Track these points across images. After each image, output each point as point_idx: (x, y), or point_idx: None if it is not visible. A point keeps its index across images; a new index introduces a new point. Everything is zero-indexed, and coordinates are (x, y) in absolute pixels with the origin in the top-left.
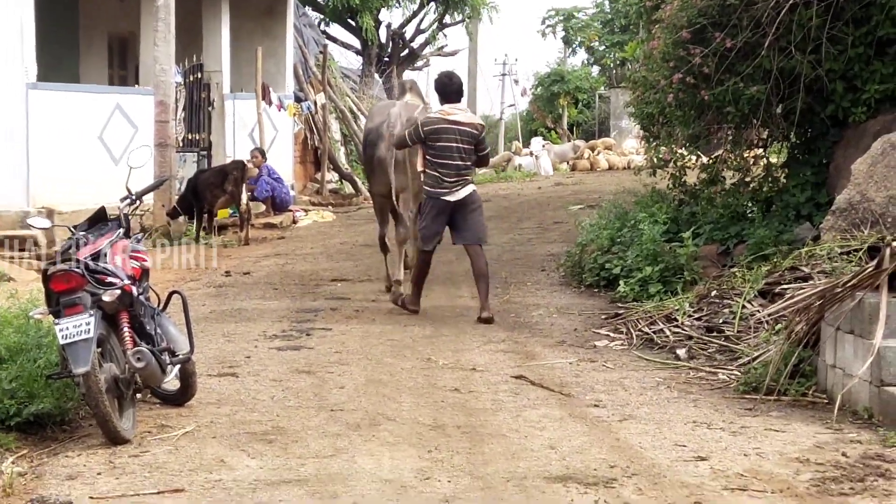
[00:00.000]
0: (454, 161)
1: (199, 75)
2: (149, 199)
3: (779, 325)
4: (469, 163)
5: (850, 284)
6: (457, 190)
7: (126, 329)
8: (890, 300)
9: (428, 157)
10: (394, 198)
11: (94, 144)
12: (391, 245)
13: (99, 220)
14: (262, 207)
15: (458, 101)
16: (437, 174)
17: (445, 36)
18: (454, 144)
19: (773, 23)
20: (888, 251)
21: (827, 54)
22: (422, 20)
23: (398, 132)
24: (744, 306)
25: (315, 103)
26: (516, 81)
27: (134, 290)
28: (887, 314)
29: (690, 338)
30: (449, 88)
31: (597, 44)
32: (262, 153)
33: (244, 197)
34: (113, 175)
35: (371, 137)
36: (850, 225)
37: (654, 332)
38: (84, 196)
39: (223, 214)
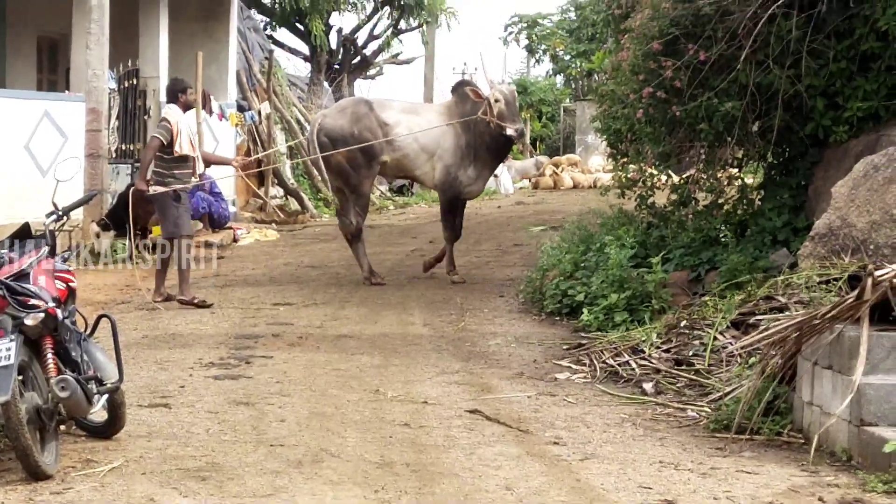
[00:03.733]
0: None
1: (135, 81)
2: (78, 214)
3: (752, 359)
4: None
5: (829, 316)
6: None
7: (50, 355)
8: (871, 334)
9: None
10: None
11: (19, 154)
12: None
13: (23, 237)
14: (200, 225)
15: (171, 102)
16: None
17: (401, 42)
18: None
19: (749, 35)
20: (870, 281)
21: (807, 69)
22: (375, 25)
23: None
24: (715, 338)
25: (259, 113)
26: None
27: (59, 313)
28: (868, 349)
29: (658, 371)
30: (167, 92)
31: (562, 52)
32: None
33: None
34: (40, 188)
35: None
36: (829, 252)
37: (619, 365)
38: (8, 210)
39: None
